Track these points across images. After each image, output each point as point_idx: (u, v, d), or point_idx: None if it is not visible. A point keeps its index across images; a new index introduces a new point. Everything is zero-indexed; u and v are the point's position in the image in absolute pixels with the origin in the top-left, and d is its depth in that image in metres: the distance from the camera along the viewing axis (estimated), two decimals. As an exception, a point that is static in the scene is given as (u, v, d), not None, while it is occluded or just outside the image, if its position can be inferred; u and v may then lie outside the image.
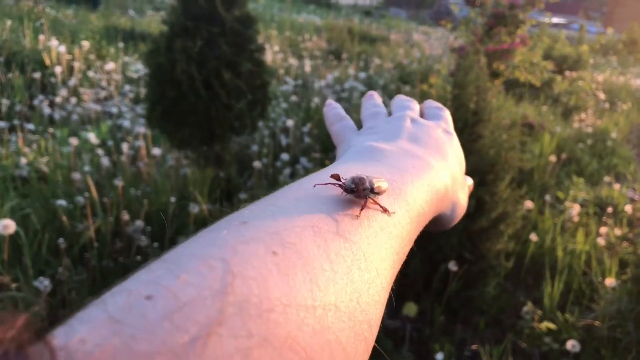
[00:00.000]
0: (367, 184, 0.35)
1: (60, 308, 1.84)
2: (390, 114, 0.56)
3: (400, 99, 0.58)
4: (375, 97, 0.60)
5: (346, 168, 0.40)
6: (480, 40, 3.77)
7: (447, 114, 0.56)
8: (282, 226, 0.28)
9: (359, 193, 0.35)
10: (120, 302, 0.21)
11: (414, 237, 0.39)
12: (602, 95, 6.20)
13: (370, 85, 4.97)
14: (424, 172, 0.42)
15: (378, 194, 0.36)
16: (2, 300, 1.71)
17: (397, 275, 0.34)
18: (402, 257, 0.36)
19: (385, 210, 0.35)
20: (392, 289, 0.33)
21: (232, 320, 0.21)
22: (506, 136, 2.33)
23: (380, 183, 0.36)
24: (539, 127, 4.24)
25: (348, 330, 0.26)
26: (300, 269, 0.26)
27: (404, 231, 0.36)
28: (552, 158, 3.62)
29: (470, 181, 0.56)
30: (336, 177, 0.35)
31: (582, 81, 6.14)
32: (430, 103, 0.58)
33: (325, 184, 0.35)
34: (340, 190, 0.36)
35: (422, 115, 0.56)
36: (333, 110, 0.57)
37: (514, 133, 2.45)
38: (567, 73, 6.19)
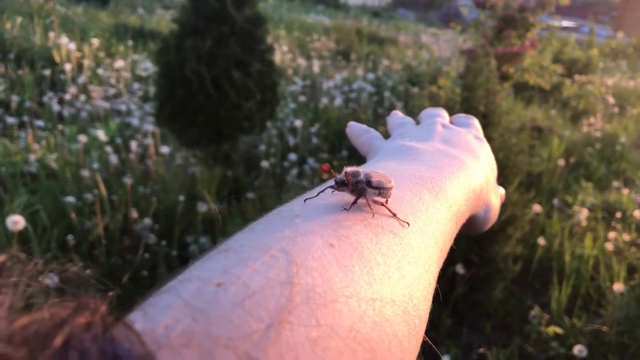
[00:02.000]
0: (362, 177, 0.33)
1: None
2: (418, 124, 0.56)
3: (429, 109, 0.59)
4: (400, 113, 0.60)
5: (382, 166, 0.40)
6: (490, 43, 3.76)
7: (476, 122, 0.57)
8: (334, 219, 0.30)
9: (349, 186, 0.33)
10: (192, 289, 0.22)
11: (454, 235, 0.39)
12: (611, 100, 6.17)
13: (378, 86, 4.96)
14: (460, 170, 0.43)
15: (379, 189, 0.33)
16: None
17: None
18: (444, 254, 0.36)
19: (394, 216, 0.32)
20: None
21: (301, 310, 0.22)
22: (515, 139, 2.32)
23: (381, 178, 0.34)
24: (547, 131, 4.23)
25: (403, 324, 0.27)
26: (357, 261, 0.27)
27: (445, 228, 0.37)
28: (561, 162, 3.61)
29: (502, 190, 0.56)
30: (326, 168, 0.34)
31: (592, 85, 6.11)
32: (459, 115, 0.59)
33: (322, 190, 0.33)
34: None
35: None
36: (356, 126, 0.57)
37: (523, 136, 2.44)
38: (576, 77, 6.17)
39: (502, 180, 2.19)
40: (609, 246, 2.56)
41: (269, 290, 0.22)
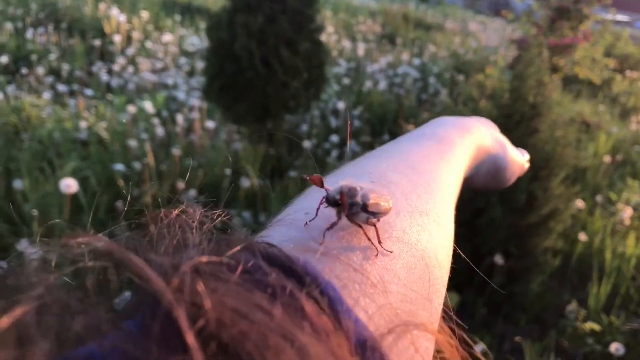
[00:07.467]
0: (359, 198, 0.30)
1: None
2: None
3: None
4: None
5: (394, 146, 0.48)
6: (542, 33, 3.68)
7: None
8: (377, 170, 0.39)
9: (343, 208, 0.30)
10: (290, 218, 0.32)
11: (477, 158, 0.52)
12: (663, 98, 5.98)
13: (423, 72, 4.91)
14: (472, 121, 0.55)
15: (376, 213, 0.31)
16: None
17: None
18: (466, 173, 0.48)
19: (379, 243, 0.30)
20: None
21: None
22: (563, 132, 2.28)
23: (381, 201, 0.31)
24: (594, 126, 4.14)
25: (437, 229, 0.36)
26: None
27: (471, 152, 0.50)
28: (607, 159, 3.53)
29: (527, 156, 0.65)
30: (317, 180, 0.31)
31: (643, 82, 5.93)
32: None
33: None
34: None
35: None
36: None
37: (570, 130, 2.40)
38: (628, 72, 6.00)
39: (546, 172, 2.16)
40: (653, 246, 2.51)
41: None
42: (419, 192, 0.37)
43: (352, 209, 0.30)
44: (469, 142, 0.50)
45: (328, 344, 0.20)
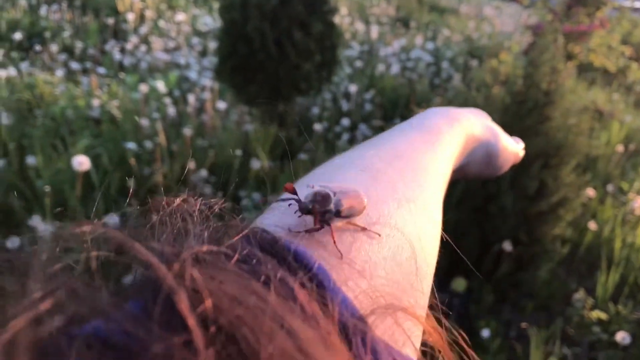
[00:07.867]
0: (332, 205, 0.31)
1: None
2: None
3: None
4: None
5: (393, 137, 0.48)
6: (559, 19, 3.64)
7: None
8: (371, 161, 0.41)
9: (315, 216, 0.30)
10: (282, 207, 0.33)
11: (466, 147, 0.52)
12: (679, 87, 5.90)
13: (437, 56, 4.87)
14: (462, 112, 0.55)
15: (349, 217, 0.32)
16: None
17: (448, 251, 0.40)
18: (455, 163, 0.50)
19: (363, 229, 0.32)
20: (442, 265, 0.38)
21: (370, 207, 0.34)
22: (576, 120, 2.26)
23: (353, 201, 0.32)
24: (608, 115, 4.10)
25: (423, 215, 0.37)
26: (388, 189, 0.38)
27: (460, 141, 0.50)
28: (619, 148, 3.50)
29: (521, 144, 0.65)
30: (290, 188, 0.32)
31: (660, 71, 5.85)
32: None
33: (287, 198, 0.33)
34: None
35: None
36: None
37: (584, 118, 2.38)
38: (644, 61, 5.92)
39: (557, 160, 2.15)
40: (663, 237, 2.49)
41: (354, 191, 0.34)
42: (406, 181, 0.38)
43: (325, 216, 0.31)
44: (458, 131, 0.51)
45: (318, 330, 0.21)
